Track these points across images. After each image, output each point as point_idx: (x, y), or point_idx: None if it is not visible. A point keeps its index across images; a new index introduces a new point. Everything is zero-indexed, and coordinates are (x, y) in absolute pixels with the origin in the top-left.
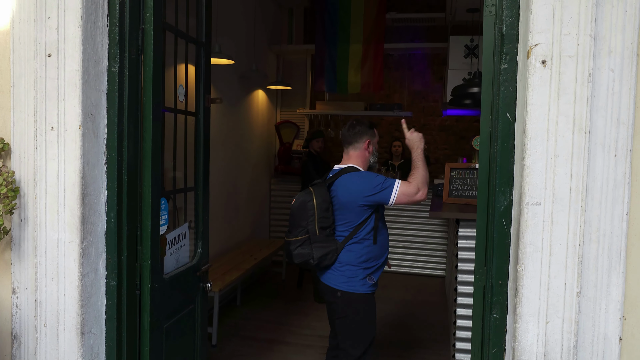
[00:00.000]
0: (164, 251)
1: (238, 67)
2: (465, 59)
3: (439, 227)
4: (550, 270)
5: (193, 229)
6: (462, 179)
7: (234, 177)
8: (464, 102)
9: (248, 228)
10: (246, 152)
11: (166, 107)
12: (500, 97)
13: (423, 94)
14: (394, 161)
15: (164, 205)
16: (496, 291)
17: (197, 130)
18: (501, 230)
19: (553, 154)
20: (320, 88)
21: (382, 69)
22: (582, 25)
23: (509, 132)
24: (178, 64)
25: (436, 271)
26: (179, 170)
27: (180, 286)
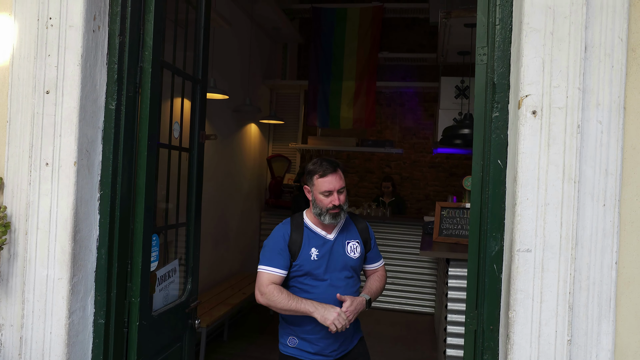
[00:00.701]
0: (154, 288)
1: (232, 101)
2: (455, 99)
3: (429, 264)
4: (542, 317)
5: (183, 264)
6: (453, 218)
7: (225, 210)
8: (455, 142)
9: (237, 261)
10: (238, 184)
11: (161, 142)
12: (492, 144)
13: (414, 131)
14: (385, 198)
15: (156, 241)
16: (487, 336)
17: (190, 166)
18: (492, 275)
19: (543, 202)
20: (312, 123)
21: (374, 105)
22: (571, 79)
23: (500, 178)
24: (174, 98)
25: (426, 308)
26: (171, 204)
27: (169, 323)
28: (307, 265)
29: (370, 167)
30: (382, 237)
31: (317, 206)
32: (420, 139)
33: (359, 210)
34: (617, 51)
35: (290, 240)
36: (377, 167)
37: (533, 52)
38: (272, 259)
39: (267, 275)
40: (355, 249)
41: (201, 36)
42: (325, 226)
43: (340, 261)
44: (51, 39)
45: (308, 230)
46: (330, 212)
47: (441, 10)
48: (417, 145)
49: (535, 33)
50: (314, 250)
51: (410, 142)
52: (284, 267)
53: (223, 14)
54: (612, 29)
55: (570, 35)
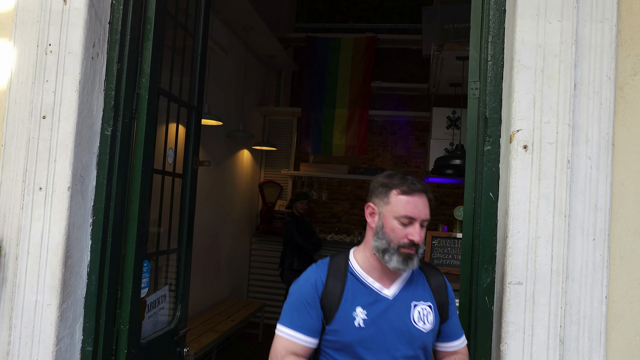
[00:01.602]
0: (143, 315)
1: (225, 126)
2: (447, 129)
3: None
4: (533, 350)
5: (173, 290)
6: (444, 247)
7: (216, 235)
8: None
9: (226, 287)
10: (229, 210)
11: (155, 168)
12: (484, 176)
13: (405, 159)
14: None
15: (147, 267)
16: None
17: (183, 192)
18: (484, 308)
19: (534, 235)
20: (305, 149)
21: (367, 133)
22: (561, 115)
23: (492, 211)
24: (169, 124)
25: None
26: (163, 229)
27: (158, 351)
28: (347, 334)
29: (361, 194)
30: None
31: (384, 238)
32: (411, 167)
33: (350, 238)
34: (605, 89)
35: (325, 290)
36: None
37: (524, 88)
38: (294, 317)
39: (285, 342)
40: (427, 316)
41: (197, 63)
42: (384, 274)
43: (403, 333)
44: (50, 64)
45: (353, 279)
46: (402, 250)
47: (434, 43)
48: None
49: (526, 70)
50: (360, 312)
51: (402, 170)
52: (312, 331)
53: (219, 41)
54: (600, 67)
55: (560, 73)
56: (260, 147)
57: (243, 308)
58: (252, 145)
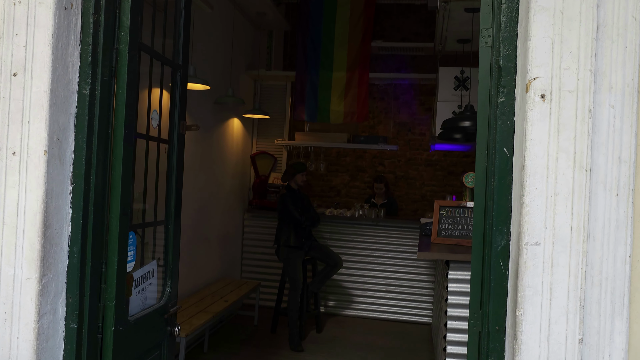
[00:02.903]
0: (130, 290)
1: (213, 92)
2: (455, 91)
3: (426, 269)
4: (551, 315)
5: (161, 266)
6: (452, 217)
7: (205, 211)
8: (454, 137)
9: (218, 267)
10: (219, 184)
11: (138, 133)
12: (497, 131)
13: (409, 126)
14: (377, 199)
15: (132, 240)
16: (493, 337)
17: (170, 158)
18: (498, 272)
19: (553, 192)
20: (300, 117)
21: (367, 98)
22: (582, 60)
23: (507, 168)
24: (152, 88)
25: (422, 318)
26: (149, 201)
27: (146, 330)
28: None
29: (362, 165)
30: (375, 242)
31: None
32: (416, 134)
33: (350, 212)
34: (630, 31)
35: None
36: (369, 165)
37: (542, 32)
38: None
39: None
40: None
41: (181, 18)
42: None
43: None
44: (19, 16)
45: None
46: None
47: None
48: (413, 141)
49: (544, 12)
50: None
51: (405, 139)
52: None
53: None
54: (625, 7)
55: (581, 14)
56: (251, 115)
57: (237, 288)
58: (243, 114)
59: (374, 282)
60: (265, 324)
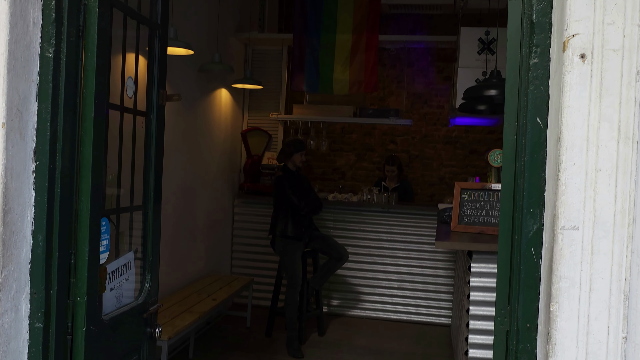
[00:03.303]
0: (104, 285)
1: (197, 58)
2: (479, 55)
3: (444, 262)
4: (590, 310)
5: (139, 258)
6: (475, 201)
7: (189, 197)
8: (478, 108)
9: (204, 261)
10: (204, 165)
11: (111, 103)
12: (529, 98)
13: (425, 97)
14: (388, 183)
15: (105, 227)
16: (523, 337)
17: (148, 133)
18: (529, 261)
19: (594, 168)
20: (298, 87)
21: (376, 65)
22: (629, 13)
23: (540, 140)
24: (126, 53)
25: (440, 319)
26: (124, 185)
27: (123, 331)
28: None
29: (370, 143)
30: (385, 231)
31: None
32: (433, 107)
33: (357, 197)
34: None
35: None
36: (379, 144)
37: None
38: None
39: None
40: None
41: None
42: None
43: None
44: None
45: None
46: None
47: None
48: (430, 115)
49: None
50: None
51: (420, 112)
52: None
53: None
54: None
55: None
56: (241, 85)
57: (226, 285)
58: (232, 83)
59: (384, 277)
60: (259, 326)
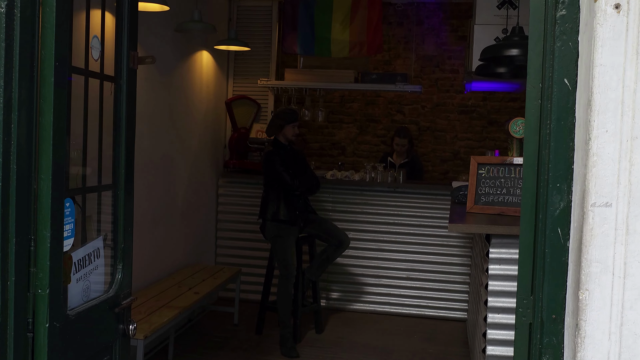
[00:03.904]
0: (69, 276)
1: (174, 15)
2: (498, 10)
3: (459, 248)
4: (625, 298)
5: (110, 245)
6: (495, 178)
7: (166, 176)
8: (497, 71)
9: (185, 249)
10: (183, 140)
11: (74, 66)
12: (555, 56)
13: (437, 61)
14: (396, 158)
15: (70, 209)
16: (548, 329)
17: (117, 102)
18: (555, 243)
19: (630, 136)
20: (291, 49)
21: (381, 23)
22: None
23: (568, 105)
24: (91, 9)
25: (455, 313)
26: (91, 163)
27: (92, 327)
28: None
29: (374, 113)
30: (391, 213)
31: None
32: (446, 72)
33: (359, 175)
34: None
35: None
36: (384, 114)
37: None
38: None
39: None
40: None
41: None
42: None
43: None
44: None
45: None
46: None
47: None
48: (442, 81)
49: None
50: None
51: (431, 77)
52: None
53: None
54: None
55: None
56: (225, 46)
57: (210, 277)
58: (215, 45)
59: (390, 266)
60: (248, 323)
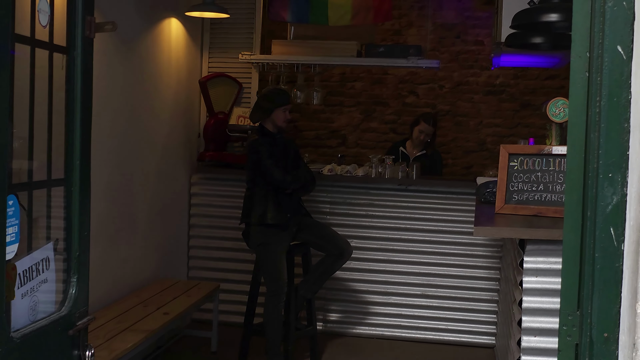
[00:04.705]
0: (12, 291)
1: None
2: None
3: (485, 258)
4: None
5: (61, 254)
6: (530, 172)
7: (128, 172)
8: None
9: (151, 261)
10: (148, 127)
11: (17, 34)
12: (606, 18)
13: (458, 31)
14: (411, 149)
15: (14, 207)
16: (599, 351)
17: (70, 77)
18: (607, 247)
19: None
20: (280, 16)
21: None
22: None
23: (622, 78)
24: None
25: (480, 337)
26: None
27: (41, 353)
28: None
29: (381, 94)
30: (403, 217)
31: None
32: (469, 44)
33: (364, 170)
34: None
35: None
36: (393, 96)
37: None
38: None
39: None
40: None
41: None
42: None
43: None
44: None
45: None
46: None
47: None
48: (464, 55)
49: None
50: None
51: (451, 51)
52: None
53: None
54: None
55: None
56: (199, 12)
57: (182, 294)
58: (186, 11)
59: (402, 281)
60: (229, 350)
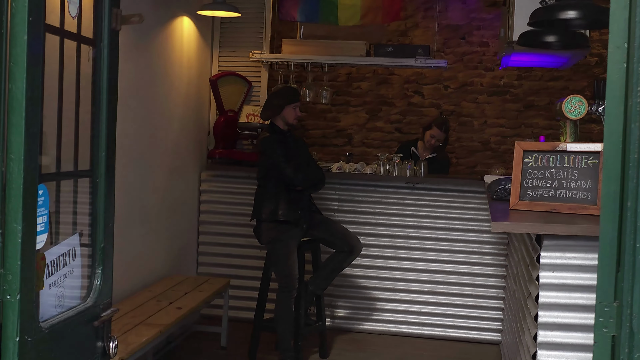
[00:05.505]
0: (42, 280)
1: None
2: None
3: (492, 257)
4: None
5: (86, 245)
6: (545, 169)
7: (140, 168)
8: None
9: (163, 256)
10: (159, 124)
11: (48, 24)
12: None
13: (465, 31)
14: (421, 150)
15: (44, 197)
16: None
17: (97, 69)
18: None
19: None
20: (290, 16)
21: None
22: None
23: None
24: None
25: (487, 334)
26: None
27: (68, 344)
28: None
29: (387, 94)
30: (410, 214)
31: None
32: (474, 45)
33: (371, 169)
34: None
35: None
36: (399, 95)
37: None
38: None
39: None
40: None
41: None
42: None
43: None
44: None
45: None
46: None
47: None
48: (469, 56)
49: None
50: None
51: (456, 52)
52: None
53: None
54: None
55: None
56: (210, 11)
57: (193, 289)
58: (198, 10)
59: (409, 277)
60: (239, 346)
